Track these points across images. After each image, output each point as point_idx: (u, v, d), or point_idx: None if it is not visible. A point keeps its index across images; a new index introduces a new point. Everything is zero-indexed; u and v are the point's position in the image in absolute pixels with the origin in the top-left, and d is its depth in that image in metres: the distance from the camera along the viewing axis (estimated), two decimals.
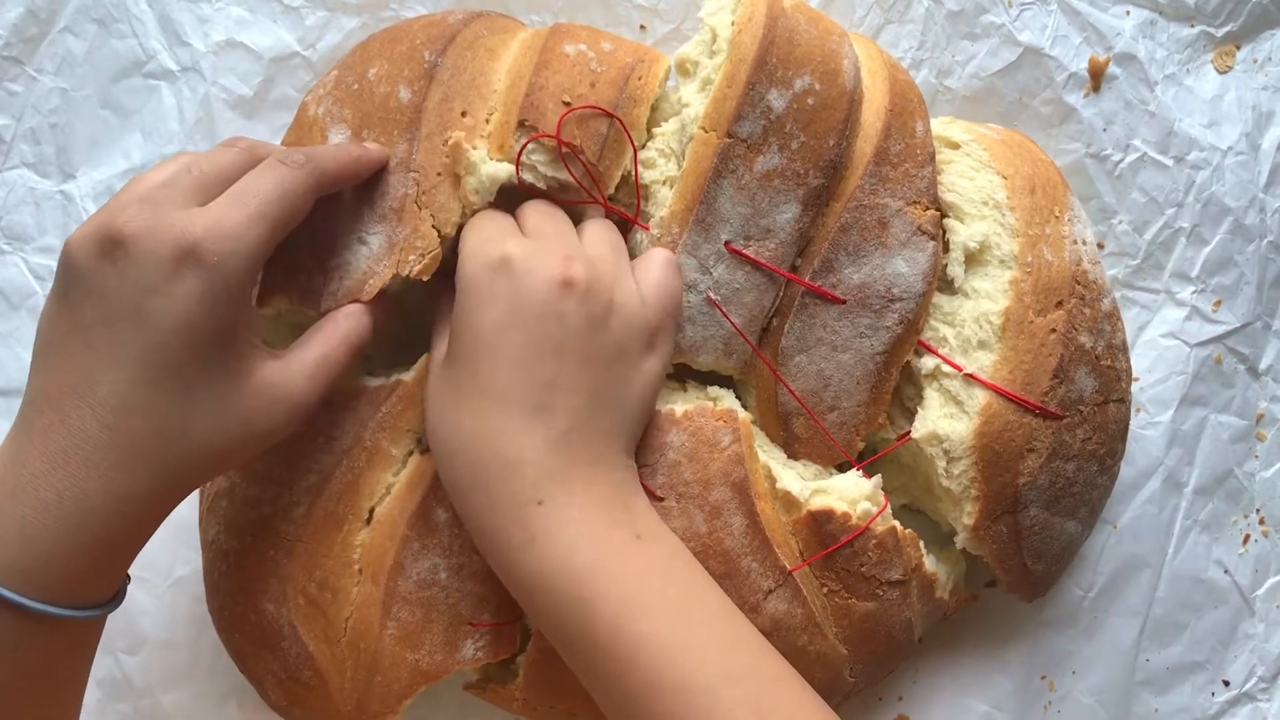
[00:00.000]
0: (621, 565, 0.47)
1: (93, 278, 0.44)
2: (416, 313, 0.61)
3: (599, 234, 0.54)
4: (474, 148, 0.55)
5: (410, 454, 0.57)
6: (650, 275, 0.53)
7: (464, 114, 0.56)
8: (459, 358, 0.50)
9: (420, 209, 0.55)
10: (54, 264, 0.65)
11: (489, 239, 0.51)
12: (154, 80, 0.65)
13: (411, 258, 0.55)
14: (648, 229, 0.57)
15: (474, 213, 0.55)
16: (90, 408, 0.43)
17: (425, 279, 0.55)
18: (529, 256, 0.50)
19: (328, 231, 0.55)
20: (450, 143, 0.54)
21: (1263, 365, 0.69)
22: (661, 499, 0.55)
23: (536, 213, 0.54)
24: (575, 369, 0.49)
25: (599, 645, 0.46)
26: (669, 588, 0.48)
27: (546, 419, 0.48)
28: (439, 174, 0.55)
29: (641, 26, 0.66)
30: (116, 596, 0.48)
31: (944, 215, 0.60)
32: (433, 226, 0.55)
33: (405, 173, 0.55)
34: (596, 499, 0.48)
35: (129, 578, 0.50)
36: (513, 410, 0.48)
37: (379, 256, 0.55)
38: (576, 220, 0.56)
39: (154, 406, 0.44)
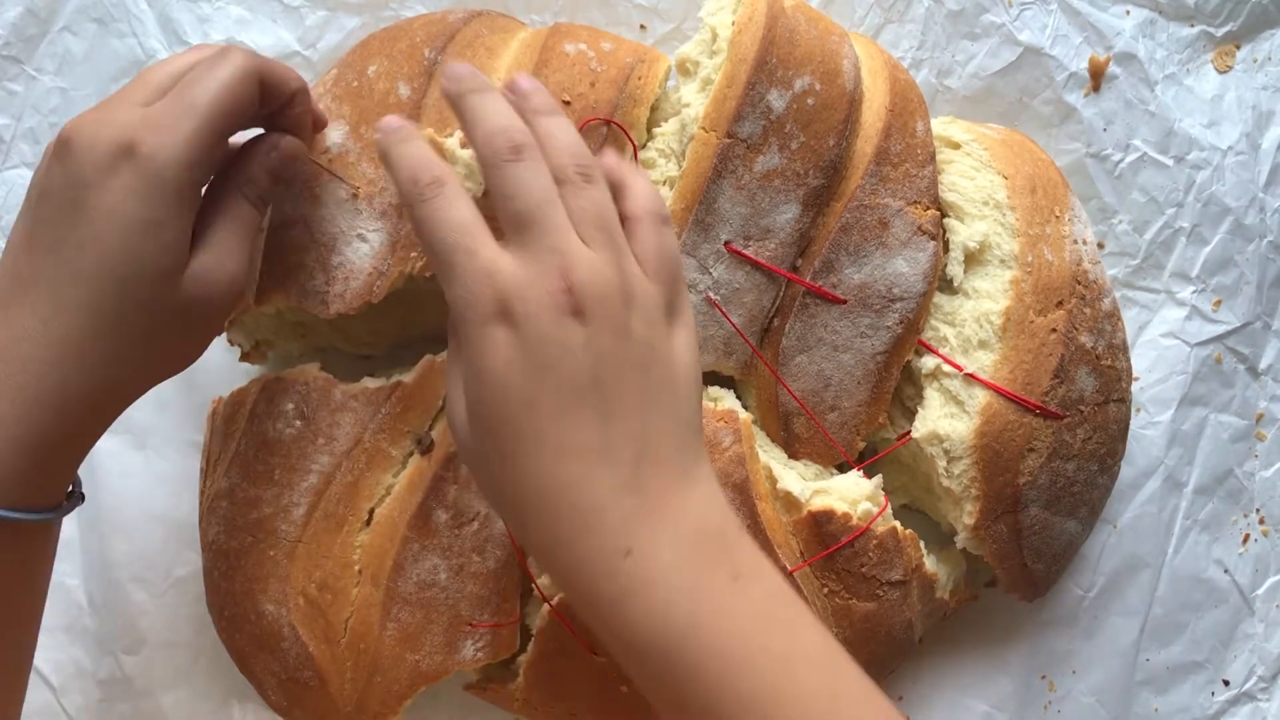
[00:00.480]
0: (722, 618, 0.44)
1: (42, 178, 0.46)
2: (414, 311, 0.61)
3: (588, 204, 0.46)
4: (462, 142, 0.54)
5: (410, 455, 0.57)
6: (646, 245, 0.48)
7: None
8: (493, 424, 0.44)
9: None
10: None
11: (469, 274, 0.44)
12: None
13: (414, 254, 0.54)
14: None
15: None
16: (30, 303, 0.44)
17: (428, 275, 0.55)
18: (522, 294, 0.43)
19: (326, 230, 0.55)
20: (430, 139, 0.54)
21: (1263, 365, 0.69)
22: None
23: (504, 184, 0.45)
24: (619, 390, 0.45)
25: (702, 706, 0.43)
26: (772, 636, 0.44)
27: (611, 457, 0.44)
28: None
29: (642, 26, 0.66)
30: (67, 501, 0.48)
31: (945, 215, 0.60)
32: None
33: None
34: (686, 535, 0.44)
35: (79, 482, 0.50)
36: (573, 459, 0.44)
37: (382, 254, 0.54)
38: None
39: (86, 302, 0.44)
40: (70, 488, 0.49)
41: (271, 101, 0.50)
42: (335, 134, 0.55)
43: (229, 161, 0.51)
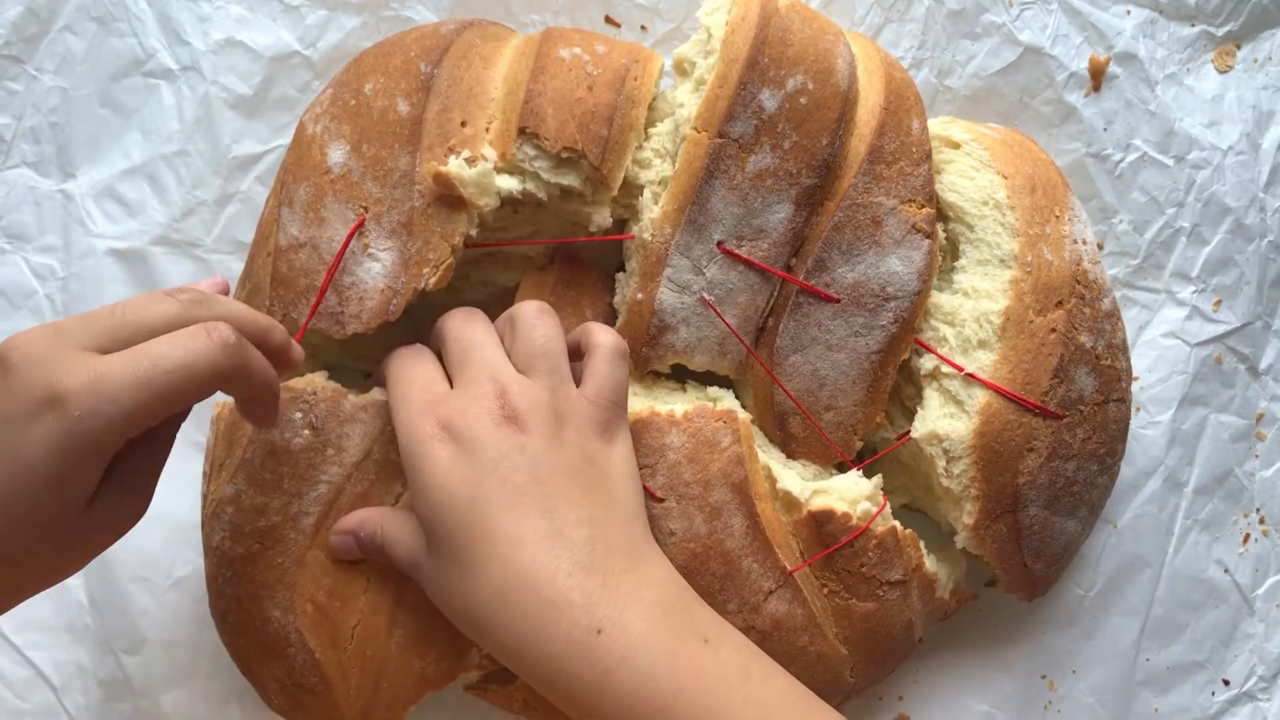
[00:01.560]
0: (703, 679, 0.46)
1: None
2: (422, 323, 0.61)
3: (530, 331, 0.51)
4: (475, 160, 0.54)
5: None
6: (596, 372, 0.52)
7: (464, 124, 0.56)
8: (446, 534, 0.47)
9: (428, 221, 0.55)
10: (55, 263, 0.66)
11: (416, 412, 0.49)
12: (154, 79, 0.65)
13: (425, 270, 0.55)
14: (632, 237, 0.58)
15: (481, 218, 0.55)
16: None
17: (440, 287, 0.55)
18: (462, 412, 0.48)
19: (335, 251, 0.55)
20: (434, 176, 0.54)
21: (1263, 365, 0.69)
22: (661, 500, 0.55)
23: (453, 331, 0.52)
24: (560, 487, 0.48)
25: None
26: (751, 689, 0.47)
27: (563, 541, 0.46)
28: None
29: (642, 27, 0.66)
30: None
31: (944, 215, 0.60)
32: (442, 238, 0.55)
33: (410, 186, 0.54)
34: (652, 606, 0.47)
35: None
36: (528, 548, 0.46)
37: (394, 272, 0.54)
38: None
39: None
40: None
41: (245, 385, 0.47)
42: (337, 154, 0.55)
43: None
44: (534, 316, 0.52)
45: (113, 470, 0.45)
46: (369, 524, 0.54)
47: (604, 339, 0.53)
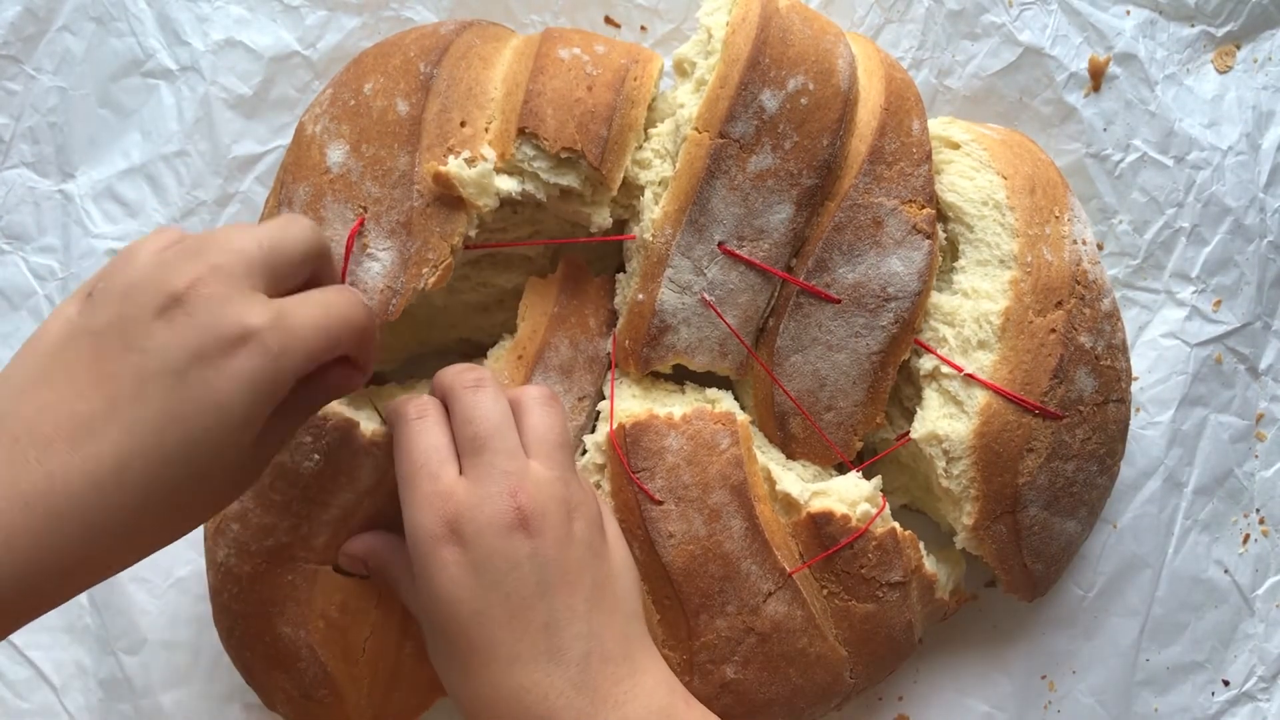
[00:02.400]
0: None
1: (137, 326, 0.41)
2: (426, 327, 0.61)
3: (544, 418, 0.50)
4: (474, 160, 0.54)
5: None
6: (529, 423, 0.51)
7: (463, 124, 0.56)
8: (446, 631, 0.47)
9: (427, 221, 0.54)
10: (54, 263, 0.65)
11: (424, 505, 0.47)
12: (153, 79, 0.65)
13: (425, 270, 0.54)
14: (632, 237, 0.58)
15: (481, 219, 0.55)
16: (81, 461, 0.39)
17: (440, 287, 0.55)
18: (473, 514, 0.47)
19: (334, 251, 0.54)
20: (433, 175, 0.54)
21: (1263, 365, 0.69)
22: (660, 502, 0.55)
23: (464, 409, 0.49)
24: (565, 596, 0.47)
25: None
26: None
27: (559, 659, 0.46)
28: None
29: (642, 27, 0.66)
30: None
31: (944, 216, 0.60)
32: (441, 238, 0.55)
33: (409, 186, 0.54)
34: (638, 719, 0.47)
35: None
36: (524, 666, 0.46)
37: (394, 272, 0.54)
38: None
39: (150, 486, 0.40)
40: None
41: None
42: (336, 154, 0.55)
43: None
44: (546, 403, 0.51)
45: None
46: (376, 558, 0.54)
47: (530, 389, 0.52)
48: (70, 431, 0.40)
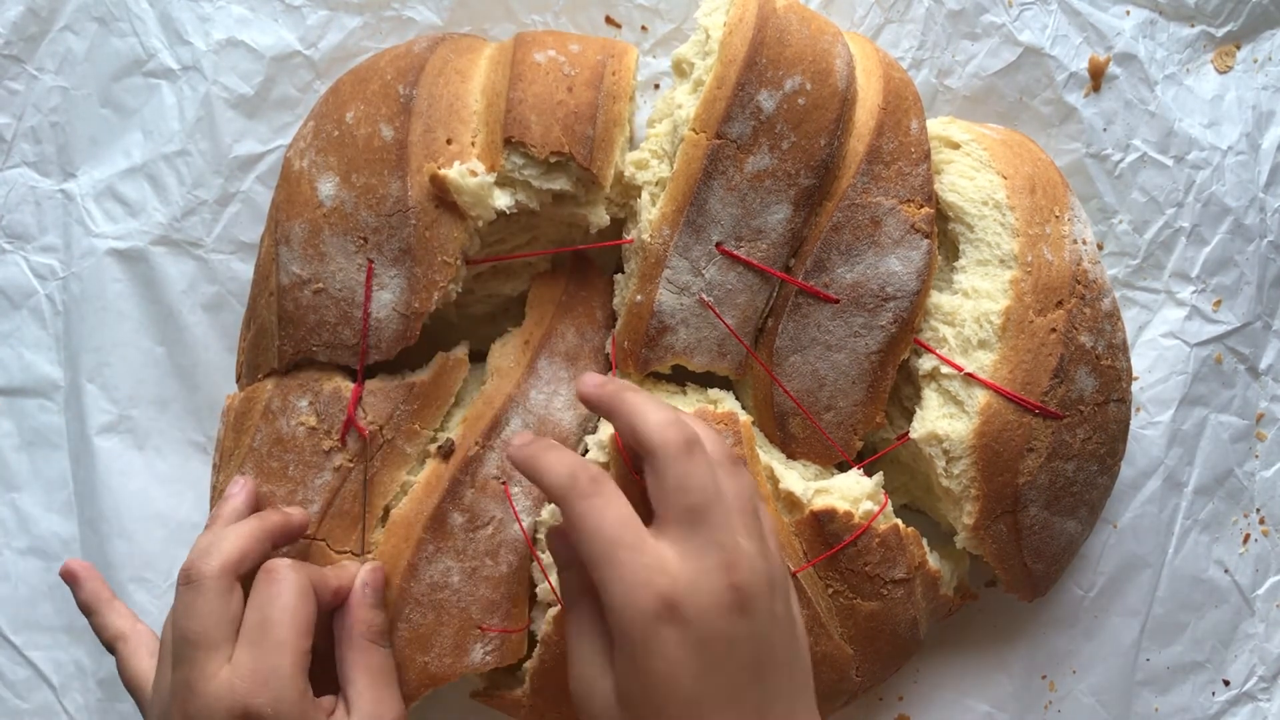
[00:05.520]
0: None
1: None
2: (440, 342, 0.61)
3: (740, 491, 0.47)
4: (469, 172, 0.54)
5: (425, 454, 0.57)
6: (766, 524, 0.49)
7: (449, 141, 0.56)
8: (663, 711, 0.44)
9: (427, 244, 0.55)
10: (55, 263, 0.66)
11: (634, 582, 0.44)
12: (155, 79, 0.65)
13: (435, 294, 0.55)
14: (630, 241, 0.58)
15: (478, 230, 0.55)
16: None
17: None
18: (692, 594, 0.44)
19: (341, 283, 0.55)
20: (430, 176, 0.54)
21: (1263, 365, 0.69)
22: None
23: (679, 478, 0.46)
24: (774, 676, 0.46)
25: None
26: None
27: None
28: (437, 206, 0.55)
29: (643, 27, 0.66)
30: None
31: (944, 215, 0.60)
32: (444, 259, 0.55)
33: (404, 212, 0.54)
34: None
35: None
36: None
37: (404, 299, 0.55)
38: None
39: None
40: None
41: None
42: (327, 187, 0.55)
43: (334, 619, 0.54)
44: (735, 467, 0.48)
45: (348, 694, 0.52)
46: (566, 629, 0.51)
47: (718, 450, 0.48)
48: None
